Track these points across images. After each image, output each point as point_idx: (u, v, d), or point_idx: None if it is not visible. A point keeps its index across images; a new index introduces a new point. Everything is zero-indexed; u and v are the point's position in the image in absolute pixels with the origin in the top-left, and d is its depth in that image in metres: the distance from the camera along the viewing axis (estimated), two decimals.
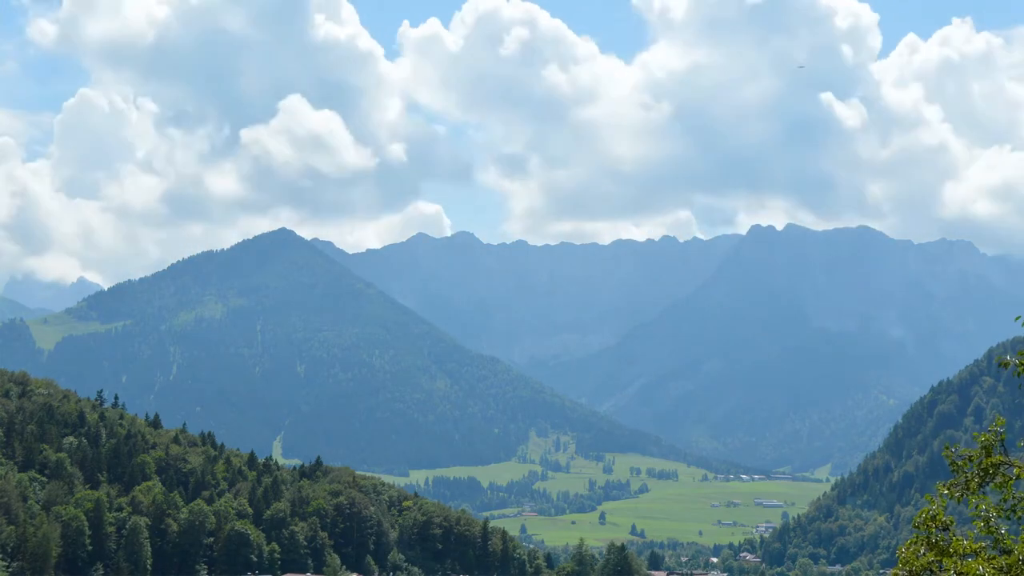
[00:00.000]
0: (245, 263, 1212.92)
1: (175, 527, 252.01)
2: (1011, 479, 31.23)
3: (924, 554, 31.63)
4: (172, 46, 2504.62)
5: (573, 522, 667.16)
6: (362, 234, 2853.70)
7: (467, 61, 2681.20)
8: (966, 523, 33.21)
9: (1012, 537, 31.43)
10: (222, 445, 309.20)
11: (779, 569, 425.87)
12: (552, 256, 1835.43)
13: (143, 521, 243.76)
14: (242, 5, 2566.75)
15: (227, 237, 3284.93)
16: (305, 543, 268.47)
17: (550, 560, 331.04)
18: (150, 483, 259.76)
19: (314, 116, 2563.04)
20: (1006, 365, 31.92)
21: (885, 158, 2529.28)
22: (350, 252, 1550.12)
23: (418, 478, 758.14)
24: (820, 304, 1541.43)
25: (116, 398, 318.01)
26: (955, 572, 30.52)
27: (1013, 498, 31.35)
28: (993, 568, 29.66)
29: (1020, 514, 31.29)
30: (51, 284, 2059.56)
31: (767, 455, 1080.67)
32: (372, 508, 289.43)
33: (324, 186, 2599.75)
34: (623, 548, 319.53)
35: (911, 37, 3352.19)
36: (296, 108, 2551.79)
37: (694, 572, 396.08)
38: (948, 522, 32.05)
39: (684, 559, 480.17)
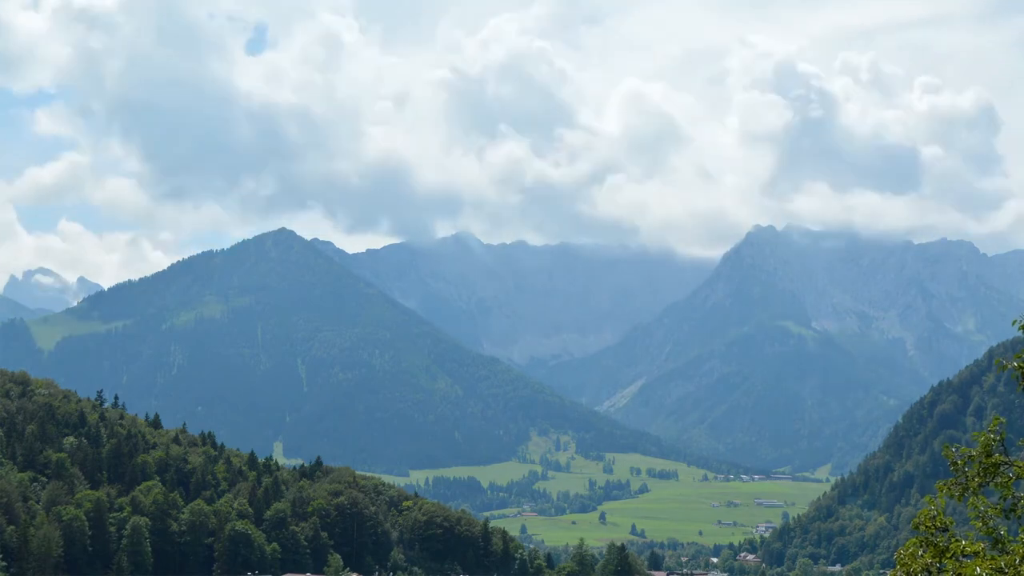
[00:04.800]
0: (245, 263, 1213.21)
1: (176, 527, 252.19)
2: (1011, 479, 31.34)
3: (922, 555, 31.69)
4: None
5: (573, 522, 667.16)
6: (362, 234, 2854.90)
7: None
8: (966, 523, 33.32)
9: (1011, 538, 31.53)
10: (222, 445, 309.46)
11: (779, 569, 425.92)
12: (552, 256, 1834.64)
13: (144, 521, 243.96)
14: None
15: (227, 237, 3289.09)
16: (306, 543, 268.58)
17: (550, 560, 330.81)
18: (150, 483, 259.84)
19: None
20: (1004, 368, 32.05)
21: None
22: (350, 252, 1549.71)
23: (418, 478, 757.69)
24: (820, 304, 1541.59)
25: (116, 398, 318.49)
26: (954, 573, 30.60)
27: (1013, 498, 31.46)
28: (991, 568, 29.74)
29: (1020, 513, 31.40)
30: (51, 284, 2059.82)
31: (767, 455, 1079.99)
32: (372, 508, 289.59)
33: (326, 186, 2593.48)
34: (623, 548, 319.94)
35: None
36: None
37: (694, 572, 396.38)
38: (947, 523, 32.13)
39: (684, 559, 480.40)
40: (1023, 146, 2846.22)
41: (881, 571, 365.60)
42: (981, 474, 31.51)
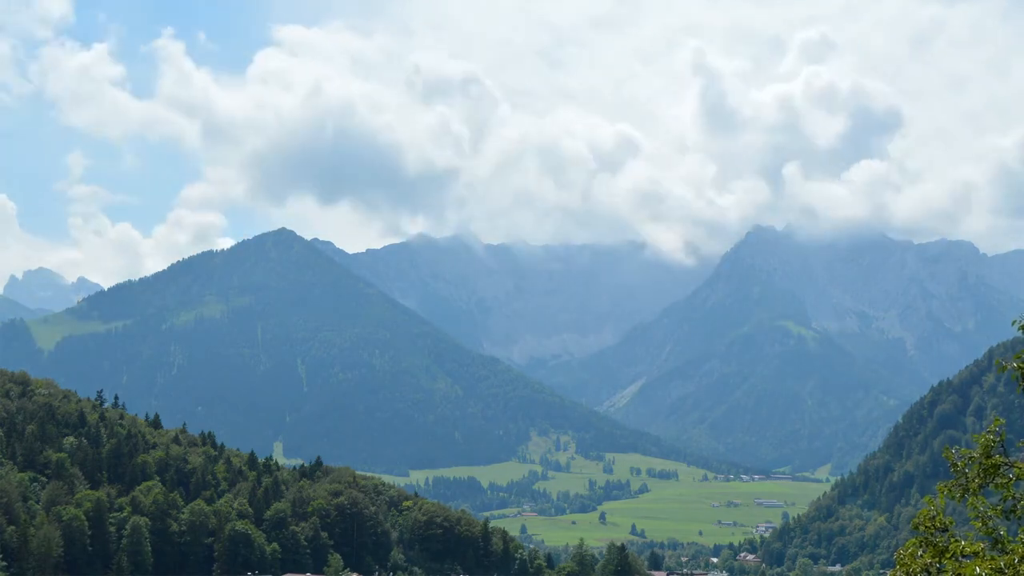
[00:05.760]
0: (245, 263, 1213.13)
1: (176, 527, 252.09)
2: (1011, 480, 31.37)
3: (922, 555, 31.70)
4: None
5: (573, 522, 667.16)
6: (362, 234, 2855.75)
7: None
8: (966, 524, 33.34)
9: (1011, 538, 31.55)
10: (222, 445, 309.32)
11: (779, 569, 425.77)
12: (552, 256, 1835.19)
13: (144, 521, 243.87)
14: None
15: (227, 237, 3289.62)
16: (306, 543, 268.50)
17: (550, 560, 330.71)
18: (150, 483, 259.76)
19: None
20: (1003, 370, 32.07)
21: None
22: (350, 252, 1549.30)
23: (418, 478, 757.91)
24: (820, 304, 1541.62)
25: (116, 398, 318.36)
26: (954, 573, 30.62)
27: (1013, 498, 31.49)
28: (990, 568, 29.76)
29: (1020, 514, 31.43)
30: (51, 284, 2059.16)
31: (767, 455, 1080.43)
32: (372, 508, 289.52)
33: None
34: (623, 548, 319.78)
35: None
36: None
37: (694, 572, 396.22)
38: (947, 523, 32.15)
39: (684, 559, 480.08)
40: None
41: (881, 571, 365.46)
42: (981, 475, 31.54)
